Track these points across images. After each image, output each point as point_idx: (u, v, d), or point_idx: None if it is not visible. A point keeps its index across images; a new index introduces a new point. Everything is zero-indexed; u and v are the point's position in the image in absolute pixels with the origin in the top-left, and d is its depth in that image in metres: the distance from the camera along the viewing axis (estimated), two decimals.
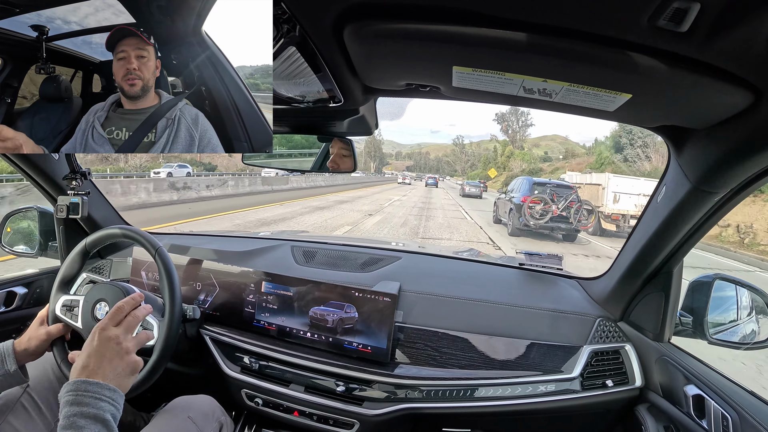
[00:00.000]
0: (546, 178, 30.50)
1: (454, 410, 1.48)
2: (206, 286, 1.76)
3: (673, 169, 1.16)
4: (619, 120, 1.03)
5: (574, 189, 14.28)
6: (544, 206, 13.44)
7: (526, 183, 15.11)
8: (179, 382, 1.82)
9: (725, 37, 0.62)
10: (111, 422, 0.91)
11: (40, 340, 1.33)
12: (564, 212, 13.42)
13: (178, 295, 1.40)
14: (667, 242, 1.28)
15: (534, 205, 13.47)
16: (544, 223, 13.39)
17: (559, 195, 13.82)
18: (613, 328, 1.57)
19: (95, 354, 1.01)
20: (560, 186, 14.94)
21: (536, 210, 13.42)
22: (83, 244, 1.47)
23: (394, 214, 17.63)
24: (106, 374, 0.98)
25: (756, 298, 1.39)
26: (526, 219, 13.45)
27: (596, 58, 0.73)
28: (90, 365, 0.98)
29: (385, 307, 1.52)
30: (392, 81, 1.04)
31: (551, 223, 13.51)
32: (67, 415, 0.88)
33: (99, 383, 0.94)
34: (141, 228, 1.54)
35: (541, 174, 66.08)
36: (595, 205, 15.58)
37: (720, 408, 1.16)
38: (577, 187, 14.68)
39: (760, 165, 0.92)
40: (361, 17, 0.75)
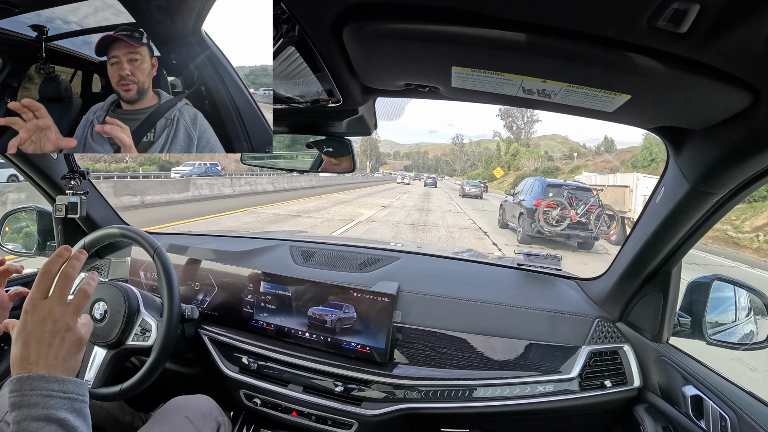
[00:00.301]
0: (561, 179, 29.78)
1: (452, 410, 1.48)
2: (205, 286, 1.76)
3: (671, 169, 1.16)
4: (619, 121, 1.03)
5: (594, 192, 12.85)
6: (561, 211, 12.13)
7: (538, 184, 13.61)
8: (177, 382, 1.82)
9: (724, 38, 0.62)
10: (67, 420, 0.78)
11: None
12: (583, 218, 12.12)
13: (177, 295, 1.40)
14: (665, 243, 1.28)
15: (550, 209, 12.17)
16: (560, 230, 12.08)
17: (578, 198, 12.46)
18: (612, 328, 1.57)
19: (32, 340, 0.81)
20: (579, 188, 13.39)
21: (552, 215, 12.13)
22: (82, 243, 1.47)
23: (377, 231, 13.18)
24: (50, 362, 0.81)
25: (754, 298, 1.40)
26: (540, 225, 12.14)
27: (595, 59, 0.73)
28: (29, 356, 0.80)
29: (383, 307, 1.53)
30: (391, 81, 1.03)
31: (568, 230, 12.17)
32: (16, 420, 0.75)
33: (44, 376, 0.79)
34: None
35: (558, 174, 62.13)
36: (620, 209, 14.68)
37: (718, 408, 1.16)
38: (598, 190, 13.13)
39: (759, 166, 0.92)
40: (361, 17, 0.75)
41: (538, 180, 14.37)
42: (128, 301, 1.38)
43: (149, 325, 1.38)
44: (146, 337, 1.38)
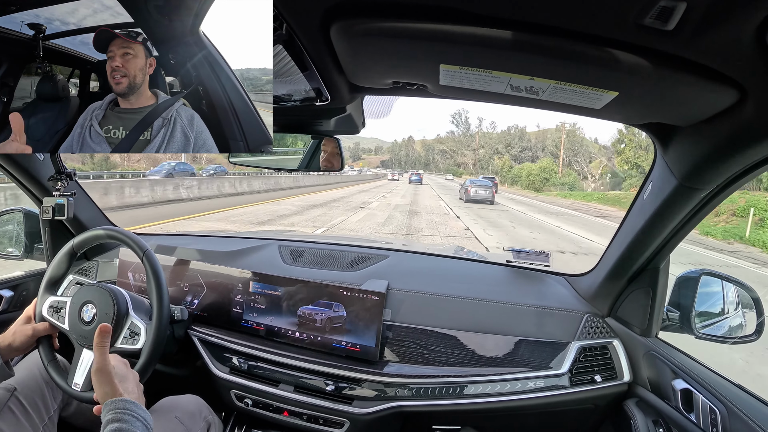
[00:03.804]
0: None
1: (443, 407, 1.48)
2: (194, 286, 1.75)
3: (659, 166, 1.17)
4: (606, 117, 1.04)
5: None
6: None
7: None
8: (168, 383, 1.80)
9: (711, 35, 0.62)
10: None
11: (25, 336, 1.32)
12: None
13: (166, 297, 1.39)
14: (653, 239, 1.29)
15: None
16: None
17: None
18: (601, 323, 1.58)
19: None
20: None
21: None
22: (70, 245, 1.45)
23: None
24: None
25: (742, 292, 1.41)
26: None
27: (583, 56, 0.73)
28: None
29: (373, 305, 1.53)
30: (379, 79, 1.03)
31: None
32: None
33: None
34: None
35: None
36: None
37: (708, 402, 1.17)
38: None
39: (746, 162, 0.92)
40: (348, 15, 0.75)
41: None
42: (117, 304, 1.37)
43: (138, 329, 1.36)
44: (135, 340, 1.36)
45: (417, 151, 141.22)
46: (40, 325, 1.36)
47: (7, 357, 1.28)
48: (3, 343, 1.29)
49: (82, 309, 1.36)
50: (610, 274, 1.50)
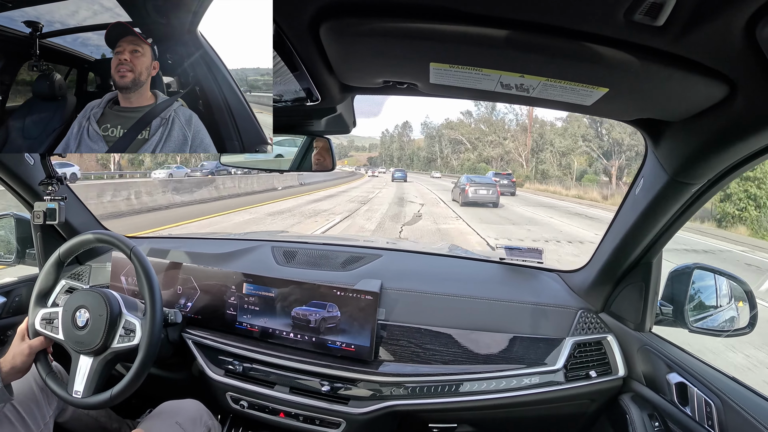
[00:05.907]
0: None
1: (439, 406, 1.49)
2: (187, 289, 1.74)
3: (650, 161, 1.17)
4: (597, 114, 1.04)
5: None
6: None
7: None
8: (163, 387, 1.79)
9: (700, 30, 0.62)
10: None
11: (24, 356, 1.32)
12: None
13: (158, 293, 1.39)
14: (645, 234, 1.30)
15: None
16: None
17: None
18: (595, 319, 1.58)
19: None
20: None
21: None
22: (57, 255, 1.44)
23: None
24: None
25: (734, 285, 1.42)
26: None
27: (573, 53, 0.73)
28: None
29: (367, 305, 1.52)
30: (369, 78, 1.03)
31: None
32: None
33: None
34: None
35: None
36: None
37: (703, 395, 1.18)
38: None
39: (737, 156, 0.93)
40: (338, 15, 0.75)
41: None
42: (109, 305, 1.35)
43: (133, 325, 1.35)
44: (131, 337, 1.35)
45: (415, 144, 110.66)
46: (35, 341, 1.35)
47: (9, 380, 1.28)
48: (5, 366, 1.28)
49: (75, 314, 1.35)
50: (603, 269, 1.51)
